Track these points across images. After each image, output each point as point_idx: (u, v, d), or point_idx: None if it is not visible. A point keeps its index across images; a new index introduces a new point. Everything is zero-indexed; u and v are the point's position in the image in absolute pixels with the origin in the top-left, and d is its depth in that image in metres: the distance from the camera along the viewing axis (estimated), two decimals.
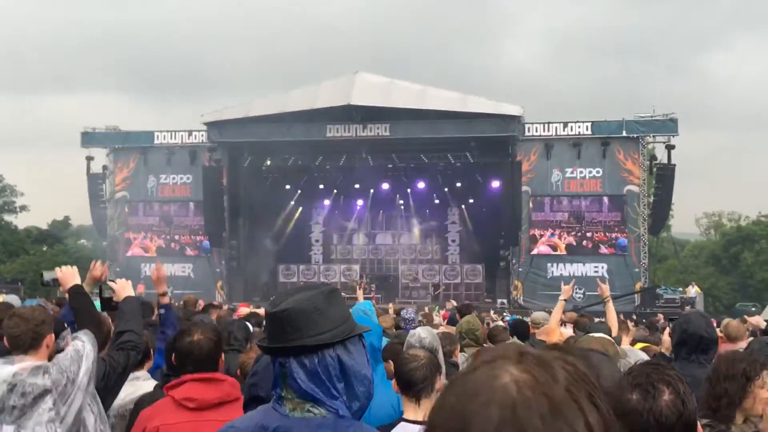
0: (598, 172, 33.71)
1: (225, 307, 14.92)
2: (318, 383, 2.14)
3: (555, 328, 7.79)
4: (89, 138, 36.73)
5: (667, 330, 6.80)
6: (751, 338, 6.72)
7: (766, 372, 3.72)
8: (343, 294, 2.45)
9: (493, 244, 36.48)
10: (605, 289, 8.23)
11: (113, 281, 4.67)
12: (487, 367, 1.04)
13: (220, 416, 3.37)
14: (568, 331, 9.82)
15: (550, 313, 10.73)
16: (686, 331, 5.01)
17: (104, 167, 36.91)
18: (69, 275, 4.59)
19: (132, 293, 4.54)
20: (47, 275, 4.73)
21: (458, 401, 1.02)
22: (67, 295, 4.59)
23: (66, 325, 4.12)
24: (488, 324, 11.22)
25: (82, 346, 3.79)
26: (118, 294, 4.54)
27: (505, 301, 33.63)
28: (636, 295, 32.93)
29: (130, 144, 36.57)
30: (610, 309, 7.78)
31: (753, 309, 40.16)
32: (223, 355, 3.95)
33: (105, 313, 4.88)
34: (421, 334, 5.11)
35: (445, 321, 14.09)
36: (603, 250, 33.74)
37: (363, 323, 3.73)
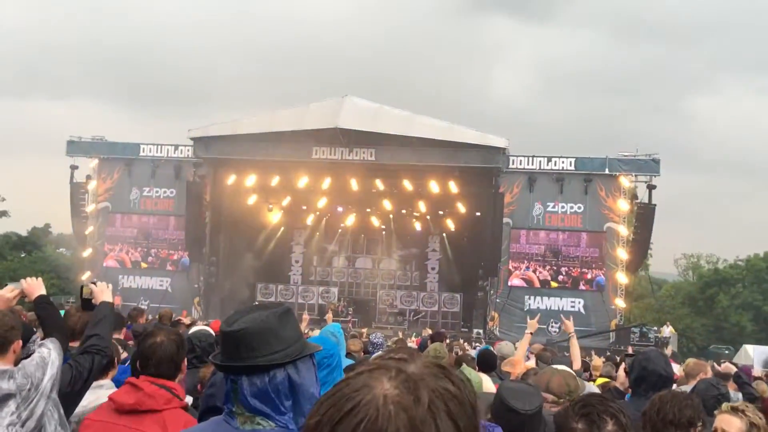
0: (579, 207, 33.90)
1: (199, 323, 14.84)
2: (267, 401, 2.20)
3: (520, 360, 7.86)
4: (75, 146, 36.67)
5: (623, 366, 6.84)
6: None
7: (707, 418, 3.82)
8: (299, 313, 2.61)
9: (472, 274, 36.43)
10: (569, 325, 8.46)
11: (94, 283, 4.68)
12: (367, 376, 1.16)
13: (132, 423, 3.42)
14: (532, 363, 9.88)
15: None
16: (645, 368, 5.11)
17: (88, 177, 36.83)
18: (34, 286, 4.58)
19: (109, 299, 4.56)
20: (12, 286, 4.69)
21: (334, 401, 1.14)
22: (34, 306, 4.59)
23: (35, 330, 4.11)
24: (457, 353, 11.23)
25: (47, 353, 3.81)
26: (96, 296, 4.54)
27: (481, 331, 33.55)
28: (611, 332, 32.99)
29: (115, 155, 36.54)
30: (574, 344, 8.04)
31: (726, 352, 40.46)
32: (185, 361, 4.00)
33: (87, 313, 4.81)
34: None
35: (417, 347, 14.09)
36: (581, 285, 33.87)
37: (328, 345, 3.84)
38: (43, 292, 4.61)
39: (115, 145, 36.96)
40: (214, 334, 6.63)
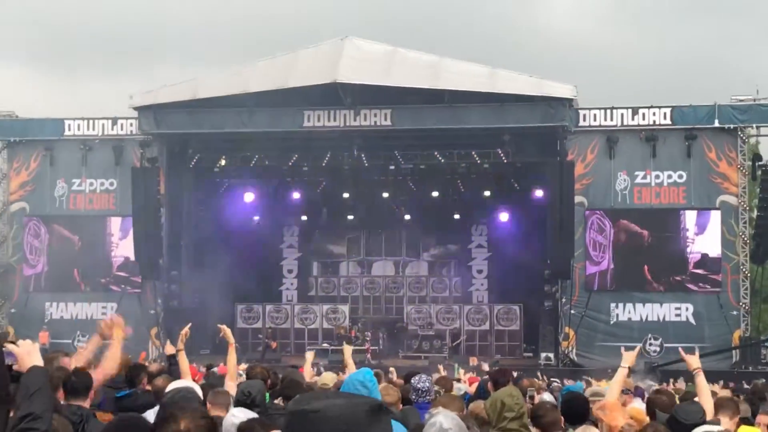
0: (680, 176, 33.56)
1: (155, 365, 14.06)
2: None
3: (615, 405, 7.79)
4: None
5: None
6: None
7: None
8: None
9: (535, 277, 36.16)
10: (691, 361, 8.44)
11: (13, 342, 4.60)
12: None
13: None
14: (639, 405, 9.90)
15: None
16: None
17: None
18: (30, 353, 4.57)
19: (39, 362, 4.52)
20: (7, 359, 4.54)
21: None
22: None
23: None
24: (531, 397, 10.49)
25: None
26: (20, 361, 4.49)
27: (551, 355, 33.46)
28: (734, 350, 32.37)
29: (30, 136, 36.41)
30: (701, 385, 8.16)
31: None
32: None
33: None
34: (443, 423, 5.00)
35: (473, 389, 13.38)
36: (688, 285, 33.39)
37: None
38: (40, 362, 4.55)
39: (30, 122, 36.74)
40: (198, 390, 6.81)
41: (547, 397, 11.48)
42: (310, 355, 13.48)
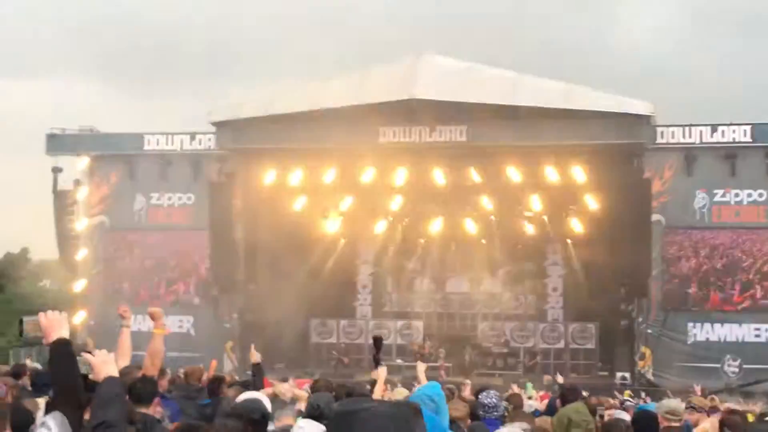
0: (761, 195, 33.73)
1: (227, 376, 14.94)
2: None
3: None
4: (57, 142, 37.57)
5: None
6: None
7: None
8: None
9: (611, 295, 36.24)
10: None
11: (89, 352, 4.71)
12: None
13: None
14: (710, 425, 9.81)
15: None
16: None
17: (76, 182, 37.67)
18: (55, 324, 4.64)
19: (115, 372, 4.60)
20: (29, 326, 4.76)
21: None
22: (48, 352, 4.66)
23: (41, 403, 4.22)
24: (602, 416, 10.90)
25: None
26: (96, 371, 4.56)
27: (627, 375, 33.51)
28: None
29: (111, 150, 37.46)
30: None
31: None
32: None
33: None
34: None
35: (543, 406, 13.93)
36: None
37: (428, 417, 3.96)
38: (66, 333, 4.69)
39: (110, 137, 37.83)
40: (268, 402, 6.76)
41: (623, 415, 11.89)
42: (383, 371, 13.74)
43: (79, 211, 37.52)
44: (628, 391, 25.87)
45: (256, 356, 11.98)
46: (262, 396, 7.82)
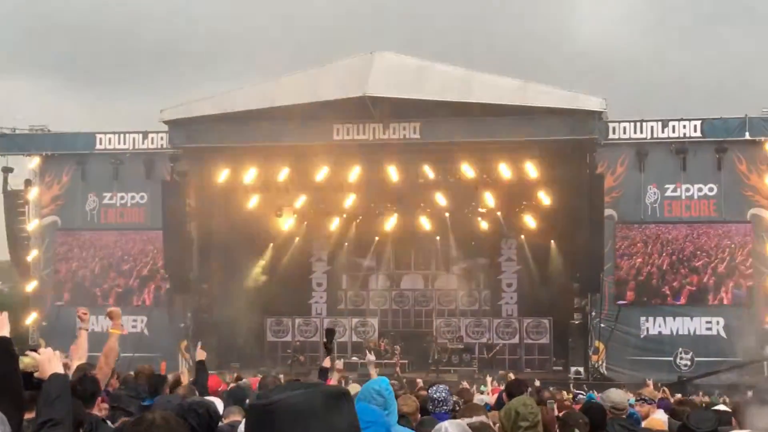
0: (711, 189, 33.87)
1: (185, 379, 14.83)
2: None
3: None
4: (8, 141, 37.30)
5: None
6: None
7: None
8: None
9: (564, 290, 36.56)
10: None
11: (35, 350, 4.77)
12: None
13: None
14: (660, 416, 10.07)
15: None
16: None
17: (27, 182, 37.37)
18: (51, 360, 4.68)
19: (60, 369, 4.60)
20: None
21: None
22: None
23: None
24: (552, 408, 10.87)
25: None
26: (41, 369, 4.59)
27: (581, 369, 33.75)
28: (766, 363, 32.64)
29: (62, 150, 37.13)
30: None
31: None
32: None
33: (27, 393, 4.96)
34: (448, 429, 5.19)
35: (493, 400, 13.90)
36: (720, 299, 33.69)
37: (369, 415, 3.82)
38: (5, 333, 4.72)
39: (62, 137, 37.48)
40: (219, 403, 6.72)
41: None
42: (339, 365, 13.45)
43: (30, 211, 37.22)
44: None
45: (201, 354, 12.01)
46: (215, 399, 7.82)
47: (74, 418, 5.24)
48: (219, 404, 7.65)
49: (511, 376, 21.98)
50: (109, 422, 7.52)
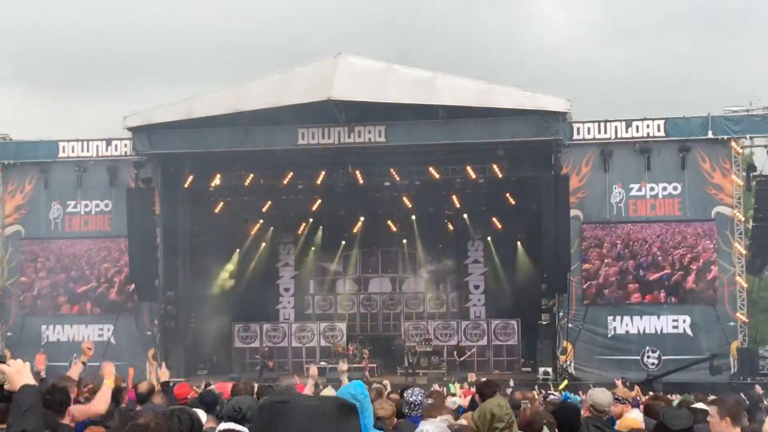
0: (675, 188, 34.04)
1: (144, 384, 14.66)
2: None
3: None
4: None
5: None
6: None
7: None
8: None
9: (532, 291, 36.56)
10: None
11: (3, 362, 4.73)
12: None
13: None
14: (635, 415, 9.91)
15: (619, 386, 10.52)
16: None
17: None
18: (21, 372, 4.66)
19: (30, 380, 4.58)
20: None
21: None
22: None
23: None
24: (524, 410, 10.81)
25: None
26: (11, 380, 4.57)
27: (549, 370, 33.62)
28: (733, 359, 32.83)
29: (25, 158, 36.94)
30: None
31: None
32: None
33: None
34: (429, 430, 5.19)
35: (467, 402, 13.88)
36: (685, 297, 33.83)
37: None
38: (31, 380, 4.63)
39: (23, 145, 37.29)
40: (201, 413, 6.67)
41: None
42: (314, 370, 13.43)
43: None
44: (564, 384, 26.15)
45: (164, 374, 12.11)
46: (196, 409, 7.67)
47: (46, 428, 5.08)
48: (201, 414, 7.60)
49: (473, 377, 21.93)
50: None
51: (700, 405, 10.73)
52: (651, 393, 19.71)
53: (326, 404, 2.49)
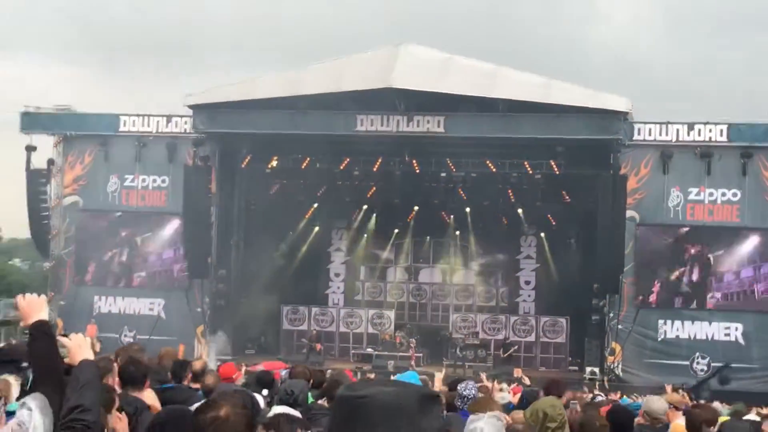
0: (734, 194, 33.62)
1: (199, 362, 14.70)
2: None
3: None
4: (32, 120, 37.23)
5: None
6: None
7: None
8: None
9: (583, 290, 36.28)
10: None
11: (66, 336, 4.71)
12: None
13: None
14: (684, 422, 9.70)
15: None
16: None
17: (50, 161, 37.39)
18: (34, 306, 4.67)
19: (90, 355, 4.59)
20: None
21: None
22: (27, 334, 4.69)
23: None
24: (576, 410, 10.67)
25: (28, 417, 3.93)
26: (71, 355, 4.58)
27: (596, 370, 33.55)
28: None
29: (86, 131, 37.17)
30: None
31: None
32: None
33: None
34: (483, 430, 5.17)
35: (516, 399, 13.80)
36: (740, 304, 33.51)
37: None
38: (44, 316, 4.71)
39: (86, 117, 37.57)
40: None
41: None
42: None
43: (51, 190, 37.29)
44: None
45: (199, 363, 11.60)
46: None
47: (109, 403, 5.43)
48: (259, 398, 7.57)
49: (519, 372, 21.76)
50: None
51: (753, 416, 10.58)
52: (700, 401, 19.52)
53: (406, 398, 2.44)
